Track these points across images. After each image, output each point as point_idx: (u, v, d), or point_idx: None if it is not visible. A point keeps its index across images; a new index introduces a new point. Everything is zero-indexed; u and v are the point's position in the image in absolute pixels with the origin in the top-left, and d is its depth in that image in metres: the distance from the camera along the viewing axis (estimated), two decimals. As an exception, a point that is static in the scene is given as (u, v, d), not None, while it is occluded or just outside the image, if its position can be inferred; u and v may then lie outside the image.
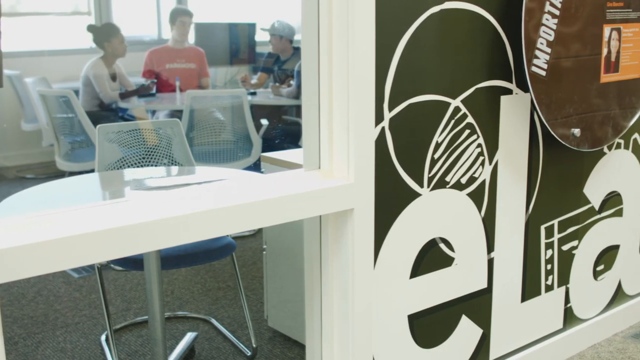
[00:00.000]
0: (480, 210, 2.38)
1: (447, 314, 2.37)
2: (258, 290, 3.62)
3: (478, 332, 2.49)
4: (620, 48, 2.61)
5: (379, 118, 2.03)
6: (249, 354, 2.91)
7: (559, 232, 2.69)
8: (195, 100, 4.41)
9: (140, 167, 3.21)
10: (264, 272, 3.01)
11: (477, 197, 2.36)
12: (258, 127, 4.77)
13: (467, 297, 2.42)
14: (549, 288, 2.72)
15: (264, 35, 5.91)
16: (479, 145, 2.32)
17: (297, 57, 5.53)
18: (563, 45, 2.38)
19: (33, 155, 6.50)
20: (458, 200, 2.31)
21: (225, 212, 1.76)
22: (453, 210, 2.30)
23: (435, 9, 2.11)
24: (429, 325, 2.33)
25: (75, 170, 4.67)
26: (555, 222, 2.67)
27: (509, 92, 2.38)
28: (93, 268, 3.91)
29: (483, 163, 2.35)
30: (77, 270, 3.92)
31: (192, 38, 6.28)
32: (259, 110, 5.29)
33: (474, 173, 2.33)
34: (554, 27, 2.34)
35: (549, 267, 2.69)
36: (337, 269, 2.09)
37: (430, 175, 2.21)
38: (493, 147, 2.37)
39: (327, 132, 2.03)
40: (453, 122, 2.23)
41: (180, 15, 5.39)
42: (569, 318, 2.84)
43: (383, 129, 2.05)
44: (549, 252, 2.67)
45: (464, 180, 2.31)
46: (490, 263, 2.47)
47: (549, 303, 2.74)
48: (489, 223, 2.42)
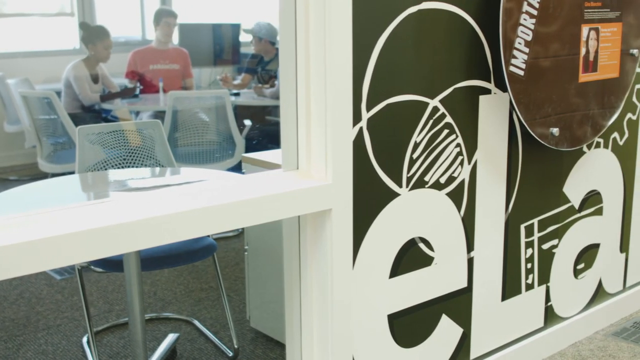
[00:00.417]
0: (460, 210, 2.39)
1: (427, 314, 2.38)
2: (241, 291, 3.61)
3: (458, 331, 2.50)
4: (599, 48, 2.63)
5: (357, 118, 2.04)
6: (231, 355, 2.91)
7: (539, 231, 2.71)
8: (178, 101, 4.40)
9: (123, 168, 3.20)
10: (246, 273, 3.00)
11: (456, 196, 2.37)
12: (241, 127, 4.76)
13: (447, 296, 2.43)
14: (530, 287, 2.73)
15: (249, 36, 5.91)
16: (458, 145, 2.33)
17: (280, 58, 5.51)
18: (541, 45, 2.40)
19: (16, 157, 6.47)
20: (437, 200, 2.31)
21: (203, 212, 1.76)
22: (432, 210, 2.30)
23: (413, 9, 2.12)
24: (409, 325, 2.33)
25: (58, 172, 4.65)
26: (535, 221, 2.68)
27: (488, 92, 2.39)
28: (75, 269, 3.90)
29: (462, 163, 2.36)
30: (59, 272, 3.91)
31: (176, 39, 6.27)
32: (243, 111, 5.29)
33: (453, 173, 2.34)
34: (532, 27, 2.35)
35: (529, 266, 2.70)
36: (316, 269, 2.09)
37: (409, 175, 2.21)
38: (472, 146, 2.38)
39: (304, 132, 2.03)
40: (431, 122, 2.24)
41: (165, 16, 5.38)
42: (550, 316, 2.86)
43: (361, 129, 2.05)
44: (529, 251, 2.69)
45: (443, 180, 2.31)
46: (470, 262, 2.47)
47: (530, 302, 2.75)
48: (469, 222, 2.43)
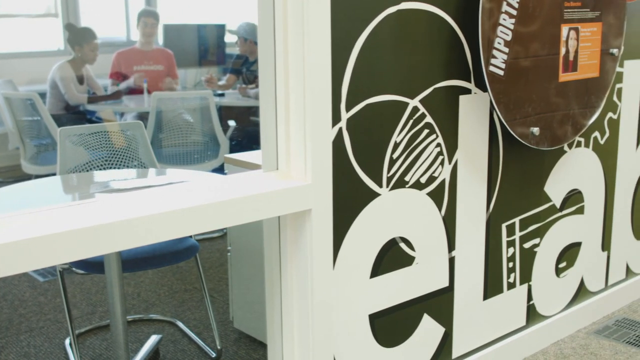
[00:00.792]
0: (441, 210, 2.40)
1: (408, 313, 2.38)
2: (225, 292, 3.61)
3: (440, 330, 2.51)
4: (579, 47, 2.64)
5: (336, 119, 2.04)
6: (214, 356, 2.90)
7: (521, 230, 2.72)
8: (162, 102, 4.39)
9: (105, 169, 3.19)
10: (229, 273, 3.00)
11: (437, 196, 2.37)
12: (226, 128, 4.76)
13: (428, 295, 2.43)
14: (511, 286, 2.74)
15: (234, 37, 5.91)
16: (438, 145, 2.34)
17: (265, 58, 5.50)
18: (521, 45, 2.41)
19: (-1, 159, 6.44)
20: (418, 200, 2.32)
21: (182, 213, 1.76)
22: (413, 210, 2.31)
23: (392, 10, 2.12)
24: (391, 325, 2.34)
25: (42, 174, 4.63)
26: (517, 220, 2.69)
27: (468, 91, 2.40)
28: (56, 271, 3.88)
29: (443, 162, 2.37)
30: (42, 274, 3.89)
31: (161, 39, 6.26)
32: (228, 112, 5.28)
33: (434, 172, 2.34)
34: (512, 27, 2.36)
35: (511, 265, 2.71)
36: (296, 270, 2.09)
37: (389, 175, 2.22)
38: (452, 146, 2.38)
39: (284, 133, 2.03)
40: (411, 122, 2.24)
41: (145, 16, 5.36)
42: (532, 315, 2.87)
43: (340, 130, 2.06)
44: (511, 250, 2.70)
45: (424, 180, 2.32)
46: (452, 262, 2.48)
47: (512, 301, 2.76)
48: (450, 222, 2.44)
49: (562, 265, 2.95)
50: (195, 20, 6.67)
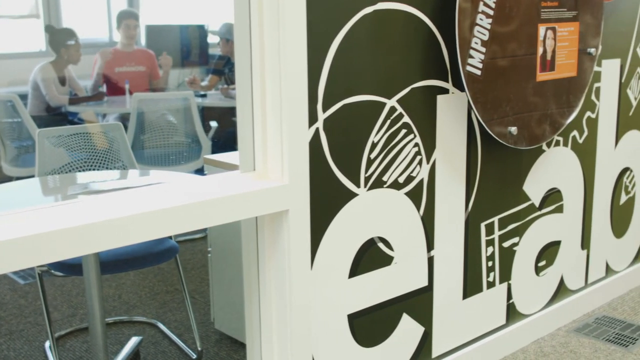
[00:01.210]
0: (419, 209, 2.40)
1: (387, 313, 2.39)
2: (206, 293, 3.60)
3: (420, 330, 2.51)
4: (556, 47, 2.65)
5: (313, 119, 2.04)
6: (194, 357, 2.90)
7: (500, 229, 2.73)
8: (143, 103, 4.37)
9: (85, 171, 3.17)
10: (210, 274, 3.00)
11: (415, 196, 2.38)
12: (208, 129, 4.75)
13: (407, 295, 2.44)
14: (491, 285, 2.75)
15: (217, 38, 5.90)
16: (416, 145, 2.34)
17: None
18: (498, 45, 2.41)
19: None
20: (396, 200, 2.32)
21: (158, 215, 1.75)
22: (391, 210, 2.31)
23: (369, 10, 2.12)
24: (370, 324, 2.34)
25: (23, 175, 4.60)
26: (496, 219, 2.70)
27: (446, 91, 2.40)
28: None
29: (421, 162, 2.37)
30: (23, 277, 3.87)
31: (143, 40, 6.24)
32: (210, 113, 5.27)
33: (412, 172, 2.35)
34: (488, 26, 2.37)
35: (490, 264, 2.72)
36: (274, 270, 2.09)
37: (367, 175, 2.22)
38: (430, 146, 2.39)
39: (260, 133, 2.03)
40: (389, 122, 2.24)
41: (126, 18, 5.34)
42: (512, 314, 2.88)
43: (317, 130, 2.06)
44: (490, 249, 2.70)
45: (402, 180, 2.32)
46: (431, 261, 2.49)
47: (491, 299, 2.77)
48: (428, 221, 2.44)
49: (541, 264, 2.96)
50: (178, 21, 6.65)
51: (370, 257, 2.28)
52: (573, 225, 3.09)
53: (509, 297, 2.85)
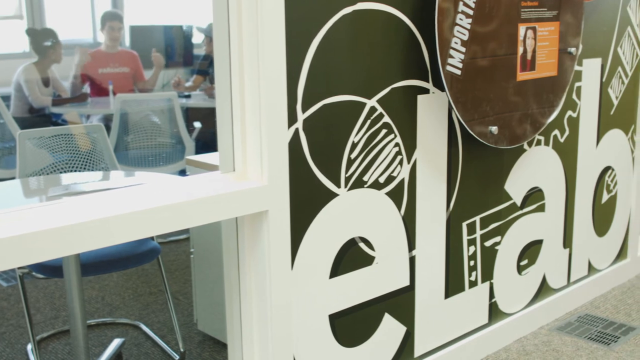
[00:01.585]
0: (400, 209, 2.41)
1: (369, 313, 2.39)
2: (189, 294, 3.59)
3: (402, 330, 2.51)
4: (536, 47, 2.66)
5: (292, 119, 2.04)
6: (177, 358, 2.89)
7: (481, 228, 2.73)
8: (126, 104, 4.36)
9: (67, 172, 3.16)
10: (192, 275, 2.99)
11: (396, 196, 2.38)
12: (192, 130, 4.74)
13: (389, 295, 2.44)
14: (473, 284, 2.76)
15: (202, 38, 5.89)
16: (397, 145, 2.35)
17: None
18: (478, 45, 2.42)
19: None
20: (377, 200, 2.32)
21: (136, 216, 1.75)
22: (372, 210, 2.31)
23: (348, 10, 2.12)
24: (351, 325, 2.34)
25: (7, 177, 4.58)
26: (477, 218, 2.71)
27: (426, 91, 2.41)
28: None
29: (401, 162, 2.37)
30: (5, 279, 3.85)
31: (127, 41, 6.21)
32: (194, 113, 5.26)
33: (393, 172, 2.35)
34: (468, 26, 2.37)
35: (472, 263, 2.73)
36: (254, 271, 2.09)
37: (347, 175, 2.22)
38: (411, 146, 2.39)
39: (240, 134, 2.03)
40: (369, 122, 2.25)
41: (110, 20, 5.32)
42: (494, 313, 2.89)
43: (297, 130, 2.06)
44: (472, 248, 2.71)
45: (382, 180, 2.33)
46: (412, 261, 2.49)
47: (473, 299, 2.77)
48: (409, 221, 2.45)
49: (523, 263, 2.97)
50: (163, 22, 6.63)
51: (352, 257, 2.29)
52: (555, 224, 3.10)
53: (491, 296, 2.86)
